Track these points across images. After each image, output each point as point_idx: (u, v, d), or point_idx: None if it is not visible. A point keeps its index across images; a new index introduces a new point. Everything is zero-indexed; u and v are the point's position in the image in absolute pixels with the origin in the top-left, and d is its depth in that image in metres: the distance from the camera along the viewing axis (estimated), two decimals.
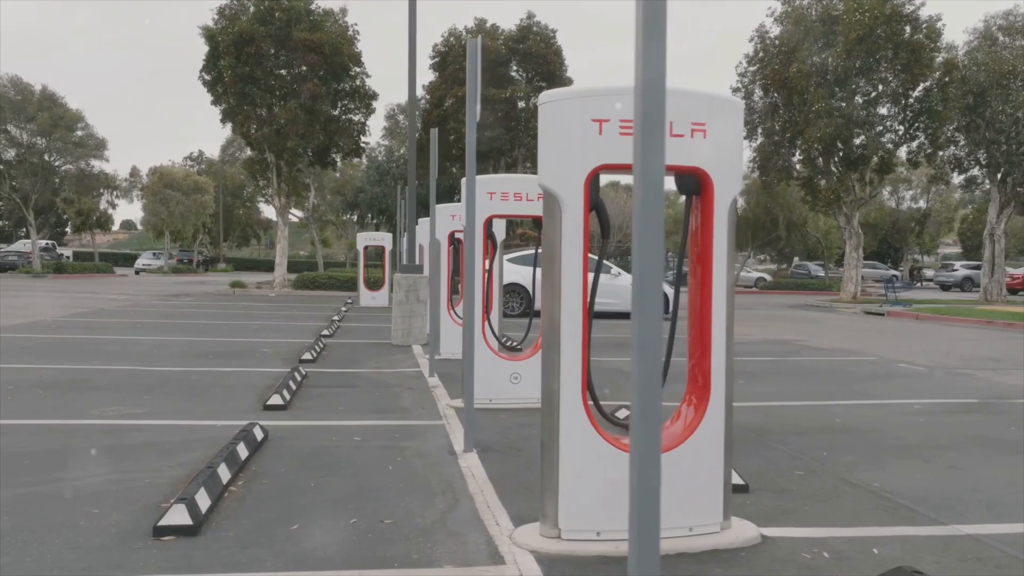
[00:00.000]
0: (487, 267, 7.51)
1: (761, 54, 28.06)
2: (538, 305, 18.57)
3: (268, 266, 39.61)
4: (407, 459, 5.00)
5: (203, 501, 3.66)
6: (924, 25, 25.50)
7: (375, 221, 46.22)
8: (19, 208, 37.38)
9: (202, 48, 24.59)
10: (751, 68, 28.59)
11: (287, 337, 12.10)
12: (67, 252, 54.96)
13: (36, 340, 10.82)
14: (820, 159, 27.12)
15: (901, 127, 27.03)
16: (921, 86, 26.22)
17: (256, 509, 3.87)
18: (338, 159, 28.51)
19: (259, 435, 5.19)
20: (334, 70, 24.70)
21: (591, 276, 3.63)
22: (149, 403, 6.56)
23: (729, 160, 3.51)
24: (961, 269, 41.92)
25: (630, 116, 3.37)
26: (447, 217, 9.64)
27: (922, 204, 51.04)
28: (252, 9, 24.08)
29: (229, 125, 25.99)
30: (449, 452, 5.18)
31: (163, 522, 3.43)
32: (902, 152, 27.85)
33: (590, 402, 3.56)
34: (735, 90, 28.80)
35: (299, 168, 26.88)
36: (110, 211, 48.34)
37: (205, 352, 10.05)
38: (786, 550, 3.47)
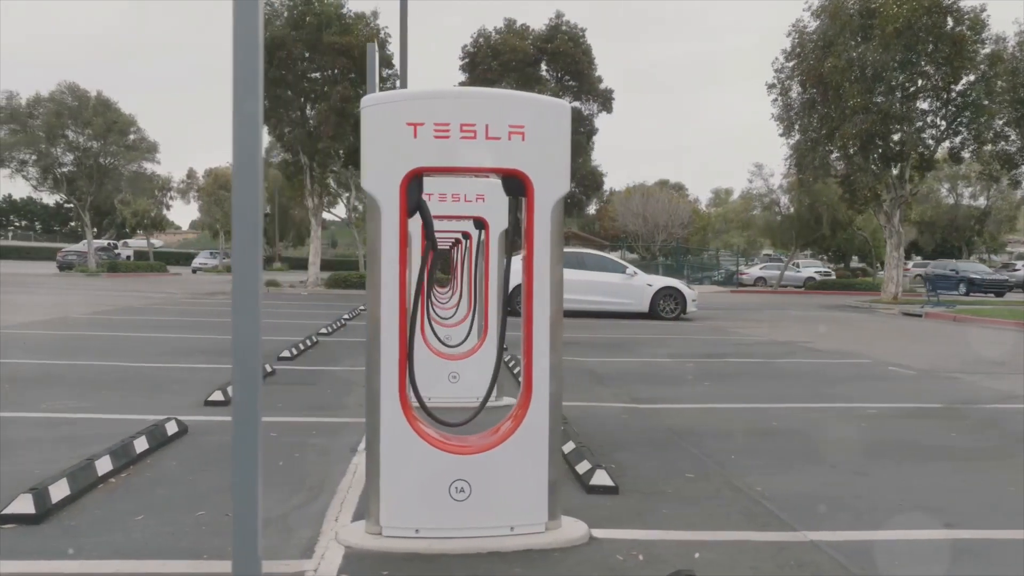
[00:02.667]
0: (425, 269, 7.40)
1: (798, 49, 27.47)
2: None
3: (324, 264, 40.49)
4: (305, 455, 5.13)
5: (59, 492, 3.84)
6: (967, 17, 24.58)
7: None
8: (91, 208, 38.92)
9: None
10: (788, 64, 28.02)
11: (286, 335, 12.37)
12: (128, 252, 57.15)
13: (37, 336, 11.34)
14: (857, 156, 26.37)
15: (943, 122, 26.11)
16: (964, 80, 25.28)
17: (117, 500, 4.03)
18: None
19: (171, 430, 5.38)
20: (364, 72, 25.07)
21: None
22: (101, 398, 6.84)
23: (551, 162, 3.51)
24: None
25: (446, 120, 3.42)
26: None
27: (982, 201, 49.12)
28: (285, 15, 24.66)
29: (265, 128, 26.70)
30: (351, 449, 5.27)
31: (7, 511, 3.61)
32: (944, 148, 26.89)
33: (415, 401, 3.61)
34: (771, 86, 28.31)
35: (333, 169, 27.42)
36: (164, 212, 49.94)
37: (195, 349, 10.38)
38: (605, 552, 3.47)
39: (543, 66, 29.56)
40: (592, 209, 72.39)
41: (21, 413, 6.12)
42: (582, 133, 29.63)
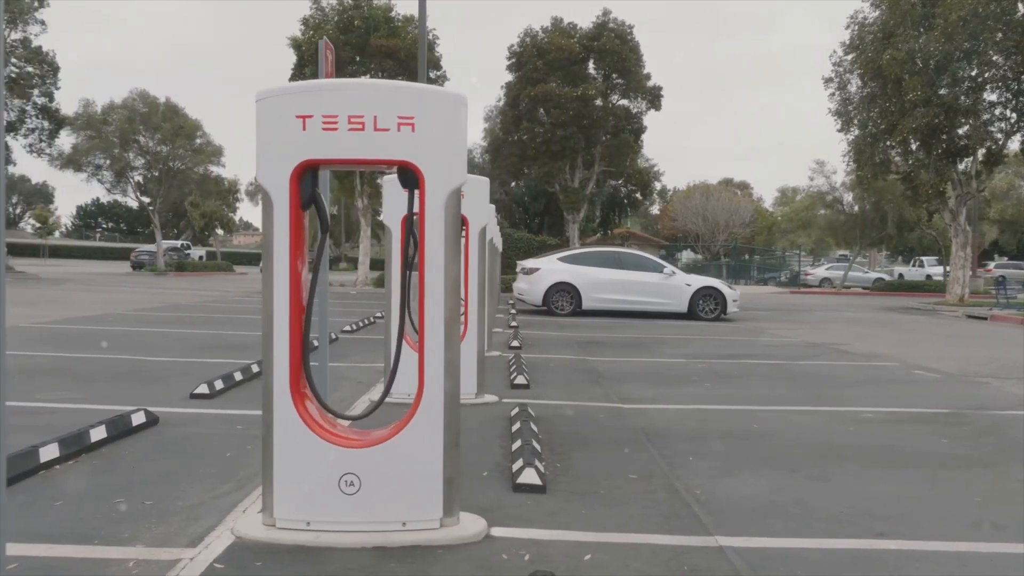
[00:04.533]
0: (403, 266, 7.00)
1: (857, 41, 26.52)
2: (587, 304, 18.36)
3: (375, 264, 41.11)
4: (257, 448, 5.17)
5: None
6: None
7: None
8: (169, 210, 40.60)
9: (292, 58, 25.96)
10: (846, 57, 27.08)
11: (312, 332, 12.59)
12: (201, 252, 59.24)
13: (70, 330, 11.82)
14: (919, 151, 25.27)
15: (1013, 114, 24.78)
16: None
17: (48, 487, 4.16)
18: None
19: (137, 420, 5.53)
20: (411, 74, 25.35)
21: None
22: (96, 390, 7.09)
23: (444, 153, 3.47)
24: None
25: (334, 112, 3.42)
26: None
27: None
28: (335, 19, 25.15)
29: None
30: None
31: None
32: (1016, 142, 25.55)
33: (311, 395, 3.61)
34: (828, 80, 27.41)
35: (383, 170, 27.77)
36: (231, 214, 51.55)
37: (218, 344, 10.66)
38: (493, 550, 3.40)
39: (590, 64, 29.30)
40: (656, 209, 71.62)
41: (9, 403, 6.36)
42: (629, 132, 29.25)
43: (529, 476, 4.35)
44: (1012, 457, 5.43)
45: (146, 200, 38.95)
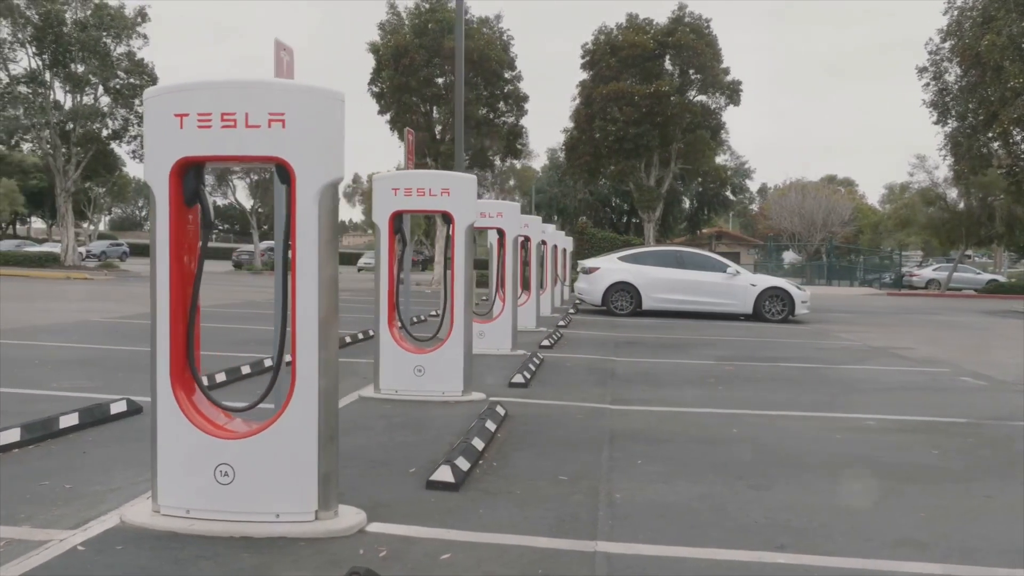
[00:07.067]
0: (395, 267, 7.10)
1: (954, 27, 24.96)
2: (647, 304, 18.00)
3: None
4: None
5: None
6: None
7: (557, 220, 46.94)
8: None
9: (371, 62, 26.66)
10: (943, 45, 25.54)
11: (353, 327, 12.90)
12: None
13: (133, 325, 12.47)
14: (1023, 143, 23.53)
15: None
16: None
17: None
18: (496, 160, 29.49)
19: (117, 409, 5.80)
20: (485, 75, 25.62)
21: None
22: (111, 380, 7.48)
23: (317, 149, 3.48)
24: None
25: (208, 109, 3.49)
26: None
27: None
28: (408, 23, 25.65)
29: (396, 133, 27.89)
30: None
31: None
32: None
33: (199, 386, 3.70)
34: (922, 70, 25.92)
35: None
36: None
37: (253, 340, 11.06)
38: (354, 544, 3.40)
39: (666, 60, 28.67)
40: (756, 207, 69.45)
41: (19, 390, 6.81)
42: (706, 128, 28.46)
43: (443, 474, 4.31)
44: (996, 472, 4.99)
45: (251, 203, 40.75)
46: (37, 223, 76.10)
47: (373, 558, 3.27)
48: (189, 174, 3.58)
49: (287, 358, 3.68)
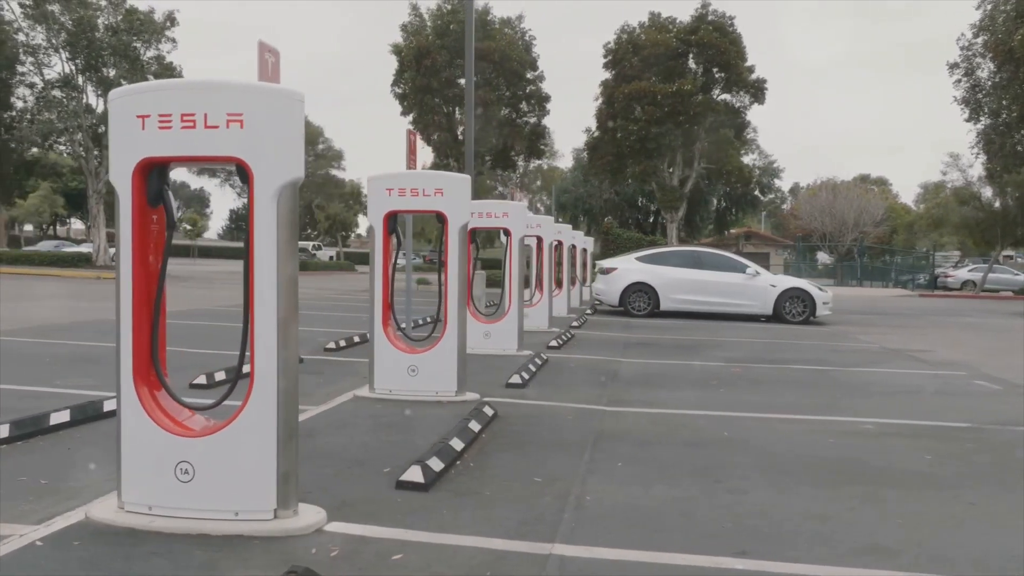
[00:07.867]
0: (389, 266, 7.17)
1: (987, 22, 24.40)
2: (664, 305, 17.86)
3: None
4: None
5: None
6: None
7: (583, 220, 46.79)
8: (305, 214, 43.07)
9: (394, 64, 26.82)
10: (976, 40, 24.98)
11: (350, 328, 12.96)
12: (331, 253, 62.16)
13: None
14: None
15: None
16: None
17: None
18: (519, 161, 29.47)
19: (109, 407, 5.87)
20: (506, 76, 25.62)
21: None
22: (111, 377, 7.59)
23: (275, 148, 3.49)
24: None
25: (168, 110, 3.53)
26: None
27: None
28: (429, 25, 25.76)
29: (419, 134, 28.05)
30: None
31: None
32: None
33: (163, 384, 3.74)
34: (953, 66, 25.38)
35: (480, 172, 28.19)
36: (355, 216, 53.77)
37: None
38: (307, 543, 3.41)
39: (689, 59, 28.41)
40: (787, 207, 68.55)
41: (18, 386, 6.93)
42: (730, 127, 28.15)
43: (413, 474, 4.30)
44: (988, 479, 4.86)
45: None
46: (77, 224, 77.78)
47: (324, 557, 3.27)
48: (152, 175, 3.62)
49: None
